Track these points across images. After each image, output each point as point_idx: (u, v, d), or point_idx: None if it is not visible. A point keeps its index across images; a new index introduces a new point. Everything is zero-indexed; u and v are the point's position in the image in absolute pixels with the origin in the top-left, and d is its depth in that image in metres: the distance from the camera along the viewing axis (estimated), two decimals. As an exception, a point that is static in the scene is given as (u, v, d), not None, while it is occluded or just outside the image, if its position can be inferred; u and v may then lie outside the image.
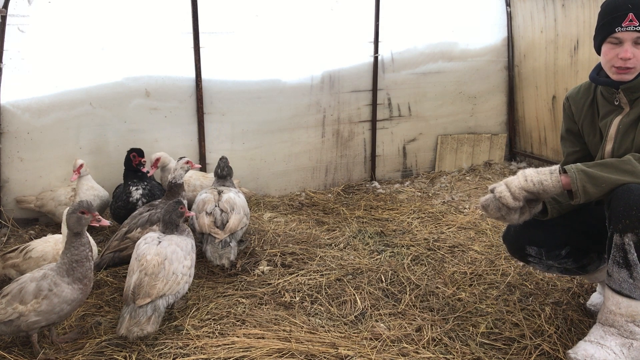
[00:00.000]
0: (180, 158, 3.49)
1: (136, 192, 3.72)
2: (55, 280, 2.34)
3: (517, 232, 2.41)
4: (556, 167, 2.08)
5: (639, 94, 2.16)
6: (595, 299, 2.69)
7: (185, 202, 3.46)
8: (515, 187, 2.08)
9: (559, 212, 2.32)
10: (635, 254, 2.00)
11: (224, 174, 3.63)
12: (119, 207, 3.74)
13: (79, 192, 3.78)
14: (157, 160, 3.99)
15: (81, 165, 3.78)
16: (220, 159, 3.66)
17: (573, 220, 2.35)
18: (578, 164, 2.07)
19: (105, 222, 2.53)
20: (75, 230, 2.40)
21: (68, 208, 2.44)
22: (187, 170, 3.47)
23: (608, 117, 2.26)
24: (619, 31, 2.09)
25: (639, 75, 2.13)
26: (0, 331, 2.33)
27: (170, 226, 2.79)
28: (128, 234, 3.25)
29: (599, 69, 2.30)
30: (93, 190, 3.82)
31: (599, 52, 2.23)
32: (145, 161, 3.88)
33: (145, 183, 3.80)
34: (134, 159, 3.83)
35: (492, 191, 2.17)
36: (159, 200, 3.55)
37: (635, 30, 2.06)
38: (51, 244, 2.94)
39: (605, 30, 2.14)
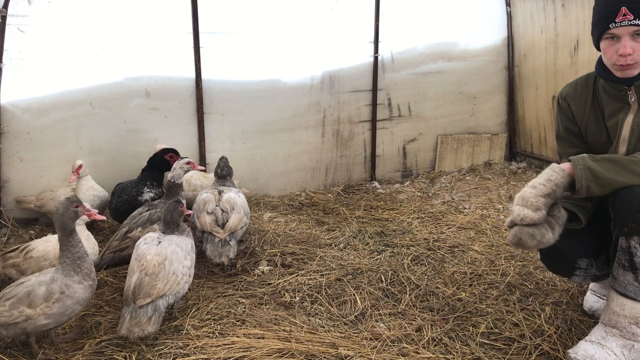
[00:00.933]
0: (182, 158, 3.49)
1: (148, 194, 3.71)
2: (66, 282, 2.35)
3: (564, 248, 2.19)
4: (555, 164, 2.04)
5: None
6: (591, 301, 2.64)
7: (184, 201, 3.46)
8: (531, 199, 1.97)
9: (589, 216, 2.23)
10: None
11: (223, 173, 3.63)
12: (124, 201, 3.69)
13: (79, 192, 3.77)
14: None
15: (80, 166, 3.78)
16: (220, 159, 3.66)
17: (602, 228, 2.24)
18: (585, 156, 2.00)
19: (101, 217, 2.59)
20: (70, 227, 2.41)
21: (57, 207, 2.44)
22: (186, 171, 3.47)
23: (616, 115, 2.16)
24: (613, 27, 2.02)
25: None
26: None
27: (171, 225, 2.79)
28: (128, 234, 3.25)
29: (601, 63, 2.20)
30: (93, 191, 3.82)
31: (598, 48, 2.15)
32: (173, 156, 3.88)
33: (160, 189, 3.79)
34: (171, 160, 3.80)
35: (511, 226, 2.04)
36: (158, 200, 3.54)
37: (631, 24, 1.98)
38: (52, 244, 2.94)
39: (600, 27, 2.08)
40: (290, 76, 4.71)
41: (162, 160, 3.82)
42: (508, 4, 5.35)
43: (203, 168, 3.79)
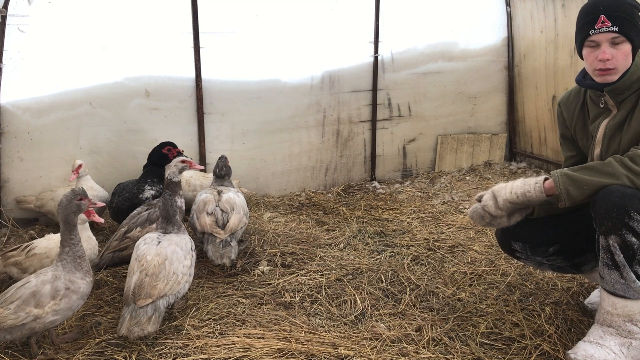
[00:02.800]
0: (179, 154, 3.47)
1: (149, 192, 3.69)
2: (69, 277, 2.38)
3: (504, 227, 2.39)
4: (541, 179, 2.12)
5: (625, 95, 2.17)
6: (595, 297, 2.69)
7: (182, 201, 3.45)
8: (501, 198, 2.15)
9: (547, 213, 2.34)
10: (622, 255, 2.01)
11: (222, 173, 3.62)
12: (125, 199, 3.68)
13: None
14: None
15: (80, 166, 3.77)
16: (220, 159, 3.65)
17: (565, 219, 2.37)
18: (563, 168, 2.10)
19: (99, 219, 2.64)
20: (73, 220, 2.43)
21: (61, 199, 2.45)
22: (181, 169, 3.42)
23: (597, 120, 2.28)
24: (593, 34, 2.11)
25: (622, 76, 2.14)
26: (2, 338, 2.31)
27: (172, 219, 2.80)
28: (127, 234, 3.25)
29: (585, 72, 2.32)
30: (92, 191, 3.81)
31: (581, 56, 2.25)
32: (183, 150, 3.84)
33: (161, 186, 3.75)
34: (169, 153, 3.76)
35: (478, 200, 2.24)
36: (157, 199, 3.54)
37: (609, 31, 2.08)
38: (54, 241, 2.93)
39: (581, 35, 2.17)
40: (290, 76, 4.71)
41: (161, 154, 3.79)
42: (508, 4, 5.35)
43: (202, 167, 3.73)
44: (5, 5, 3.73)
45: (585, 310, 2.66)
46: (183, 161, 3.42)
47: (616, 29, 2.07)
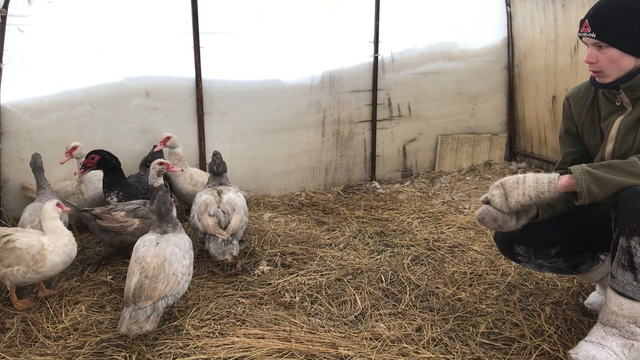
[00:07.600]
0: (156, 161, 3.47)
1: (111, 201, 3.67)
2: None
3: (506, 231, 2.37)
4: (555, 177, 2.08)
5: None
6: (593, 297, 2.69)
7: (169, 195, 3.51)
8: (514, 200, 2.11)
9: (550, 215, 2.33)
10: None
11: (220, 170, 3.61)
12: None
13: (87, 183, 3.79)
14: (167, 139, 3.96)
15: (75, 147, 3.66)
16: (214, 155, 3.61)
17: (565, 220, 2.35)
18: (583, 165, 2.06)
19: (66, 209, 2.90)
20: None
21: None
22: (159, 172, 3.42)
23: (610, 117, 2.25)
24: (579, 36, 2.17)
25: (637, 74, 2.11)
26: None
27: (165, 217, 2.79)
28: (112, 211, 3.35)
29: None
30: (97, 177, 3.83)
31: None
32: (83, 162, 3.64)
33: (117, 190, 3.68)
34: (92, 161, 3.64)
35: (485, 202, 2.21)
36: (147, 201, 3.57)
37: (588, 37, 2.11)
38: (35, 237, 2.81)
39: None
40: (290, 76, 4.71)
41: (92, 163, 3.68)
42: (508, 4, 5.35)
43: (179, 169, 3.70)
44: (5, 5, 3.73)
45: (585, 311, 2.66)
46: (160, 163, 3.43)
47: (594, 36, 2.09)
